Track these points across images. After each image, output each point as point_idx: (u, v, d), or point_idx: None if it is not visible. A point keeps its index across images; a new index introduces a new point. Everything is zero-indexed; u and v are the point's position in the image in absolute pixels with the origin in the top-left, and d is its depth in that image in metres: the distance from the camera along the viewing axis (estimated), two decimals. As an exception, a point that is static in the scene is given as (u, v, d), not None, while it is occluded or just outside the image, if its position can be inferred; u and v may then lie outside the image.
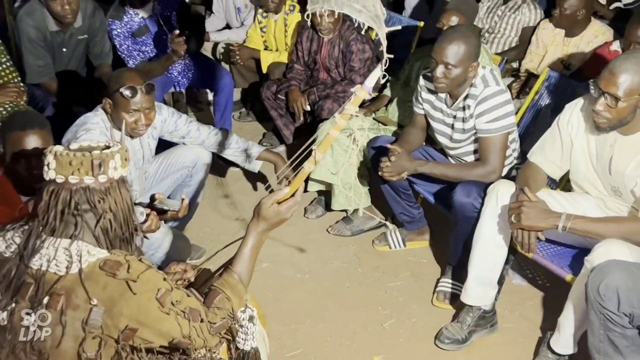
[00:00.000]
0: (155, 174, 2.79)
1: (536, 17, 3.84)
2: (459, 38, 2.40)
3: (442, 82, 2.44)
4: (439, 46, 2.42)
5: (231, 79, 3.80)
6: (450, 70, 2.40)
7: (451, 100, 2.56)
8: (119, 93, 2.35)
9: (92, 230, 1.41)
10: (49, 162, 1.40)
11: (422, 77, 2.68)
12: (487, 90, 2.44)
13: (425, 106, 2.70)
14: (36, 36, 3.20)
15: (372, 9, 1.47)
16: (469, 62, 2.40)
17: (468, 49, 2.39)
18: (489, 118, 2.44)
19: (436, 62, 2.41)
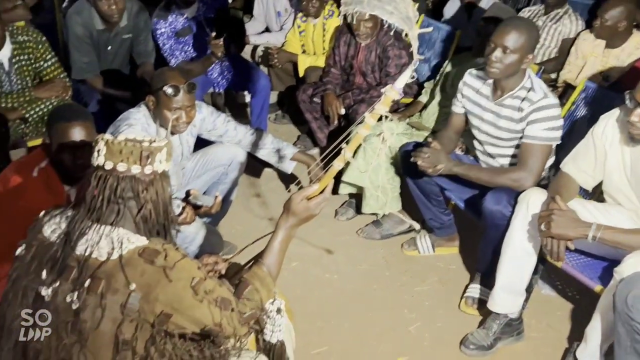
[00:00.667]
0: (192, 171, 2.87)
1: (577, 28, 3.82)
2: (521, 26, 2.40)
3: (496, 66, 2.41)
4: (501, 30, 2.41)
5: (269, 81, 3.88)
6: (507, 55, 2.38)
7: (496, 93, 2.55)
8: (162, 91, 2.43)
9: (133, 218, 1.48)
10: (99, 149, 1.46)
11: (467, 73, 2.69)
12: (547, 100, 2.43)
13: (465, 102, 2.68)
14: (83, 34, 3.32)
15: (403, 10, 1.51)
16: (525, 52, 2.40)
17: (528, 38, 2.39)
18: (544, 127, 2.42)
19: (495, 44, 2.40)
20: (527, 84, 2.47)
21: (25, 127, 3.29)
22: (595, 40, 3.51)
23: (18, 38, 3.24)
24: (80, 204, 1.50)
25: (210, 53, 3.38)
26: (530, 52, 2.41)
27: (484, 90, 2.60)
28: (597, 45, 3.51)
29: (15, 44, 3.23)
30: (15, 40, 3.23)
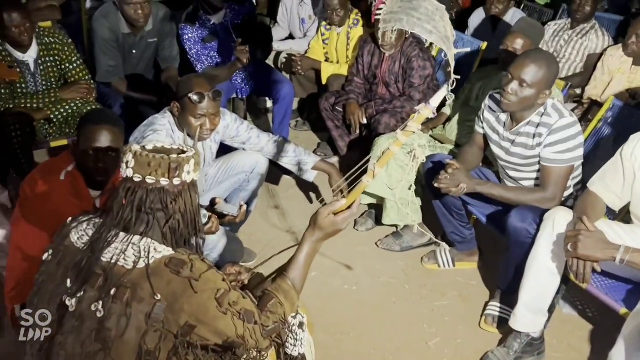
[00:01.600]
0: (214, 177, 2.88)
1: (603, 44, 3.78)
2: (541, 60, 2.36)
3: (511, 99, 2.38)
4: (521, 62, 2.37)
5: (292, 88, 3.88)
6: (524, 89, 2.35)
7: (512, 124, 2.54)
8: (187, 98, 2.44)
9: (161, 228, 1.48)
10: (127, 161, 1.47)
11: (488, 96, 2.67)
12: (563, 121, 2.38)
13: (485, 126, 2.69)
14: (109, 37, 3.35)
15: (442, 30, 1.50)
16: (543, 87, 2.36)
17: (548, 74, 2.35)
18: (560, 149, 2.39)
19: (512, 76, 2.37)
20: (541, 109, 2.44)
21: (50, 128, 3.32)
22: (622, 56, 3.47)
23: (44, 39, 3.28)
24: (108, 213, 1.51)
25: (235, 59, 3.39)
26: (548, 87, 2.37)
27: (502, 117, 2.58)
28: (624, 62, 3.47)
29: (42, 45, 3.26)
30: (42, 41, 3.26)
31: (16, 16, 3.06)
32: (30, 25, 3.14)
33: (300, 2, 4.49)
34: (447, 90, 1.57)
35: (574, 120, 2.43)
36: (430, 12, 1.48)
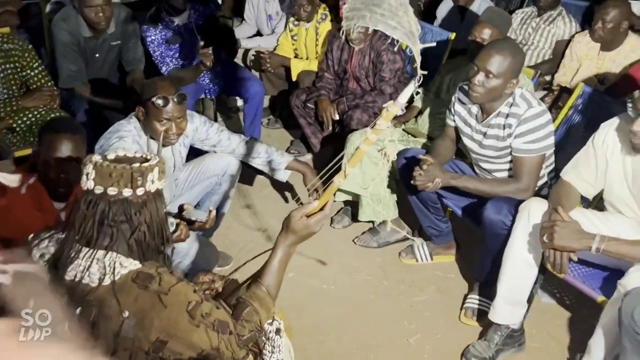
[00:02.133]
0: (185, 181, 2.81)
1: (571, 30, 3.80)
2: (506, 50, 2.35)
3: (479, 90, 2.37)
4: (485, 53, 2.36)
5: (262, 87, 3.82)
6: (490, 80, 2.34)
7: (482, 115, 2.52)
8: (151, 102, 2.38)
9: (126, 241, 1.43)
10: (88, 172, 1.41)
11: (458, 88, 2.65)
12: (531, 111, 2.38)
13: (456, 119, 2.67)
14: (70, 41, 3.25)
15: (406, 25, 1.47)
16: (509, 77, 2.35)
17: (513, 63, 2.34)
18: (530, 138, 2.38)
19: (478, 68, 2.36)
20: (510, 99, 2.44)
21: (13, 137, 3.22)
22: (590, 42, 3.48)
23: (4, 46, 3.17)
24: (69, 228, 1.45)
25: (199, 62, 3.31)
26: (514, 77, 2.37)
27: (474, 110, 2.57)
28: (592, 47, 3.48)
29: (1, 52, 3.16)
30: (1, 48, 3.16)
31: None
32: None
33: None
34: (414, 86, 1.54)
35: (543, 109, 2.43)
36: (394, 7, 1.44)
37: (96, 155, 1.47)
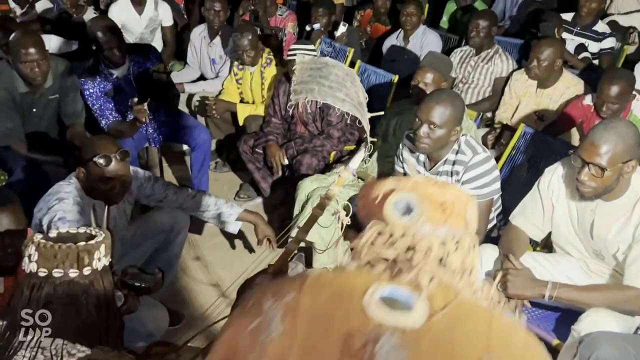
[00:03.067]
0: (131, 240, 2.71)
1: (508, 68, 3.92)
2: (445, 100, 2.40)
3: (425, 142, 2.42)
4: (426, 106, 2.41)
5: (209, 135, 3.76)
6: (434, 131, 2.39)
7: (430, 163, 2.55)
8: (92, 162, 2.30)
9: (73, 325, 1.35)
10: (30, 254, 1.34)
11: (405, 136, 2.68)
12: (477, 157, 2.44)
13: (405, 166, 2.69)
14: (4, 98, 3.12)
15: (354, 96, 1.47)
16: (453, 125, 2.40)
17: (454, 111, 2.39)
18: (478, 184, 2.43)
19: (421, 121, 2.40)
20: (455, 146, 2.49)
21: (-56, 199, 3.04)
22: (527, 80, 3.60)
23: None
24: (12, 315, 1.36)
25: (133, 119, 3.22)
26: (457, 124, 2.43)
27: (421, 157, 2.61)
28: (529, 85, 3.60)
29: None
30: None
31: None
32: None
33: (209, 43, 4.40)
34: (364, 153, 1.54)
35: (487, 155, 2.49)
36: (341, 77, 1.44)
37: (38, 234, 1.40)
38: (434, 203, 0.89)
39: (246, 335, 0.85)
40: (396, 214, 0.89)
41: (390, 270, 0.86)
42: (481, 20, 3.95)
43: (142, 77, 3.38)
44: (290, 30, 4.87)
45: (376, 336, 0.77)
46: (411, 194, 0.92)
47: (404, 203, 0.89)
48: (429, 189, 0.90)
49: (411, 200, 0.89)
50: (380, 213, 0.90)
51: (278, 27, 4.83)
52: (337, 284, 0.88)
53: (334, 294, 0.85)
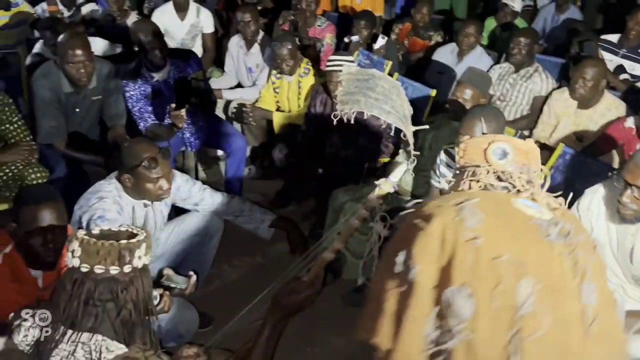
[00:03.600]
0: (166, 241, 2.76)
1: (547, 87, 3.88)
2: (489, 115, 2.41)
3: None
4: (469, 120, 2.42)
5: (244, 142, 3.81)
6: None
7: None
8: (142, 167, 2.36)
9: (112, 321, 1.39)
10: (74, 249, 1.38)
11: (443, 151, 2.67)
12: None
13: (442, 180, 2.68)
14: (50, 98, 3.21)
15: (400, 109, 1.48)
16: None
17: (497, 127, 2.39)
18: None
19: (461, 134, 2.39)
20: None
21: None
22: (567, 100, 3.55)
23: (-18, 100, 3.11)
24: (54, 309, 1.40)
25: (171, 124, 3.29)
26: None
27: None
28: (569, 105, 3.55)
29: (-20, 106, 3.10)
30: (-20, 102, 3.10)
31: None
32: None
33: (246, 52, 4.45)
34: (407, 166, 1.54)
35: None
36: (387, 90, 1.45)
37: (81, 231, 1.44)
38: (520, 150, 1.21)
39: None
40: (495, 157, 1.24)
41: (509, 191, 1.19)
42: (523, 38, 3.92)
43: (181, 83, 3.44)
44: (328, 41, 4.90)
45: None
46: (505, 144, 1.24)
47: (501, 150, 1.24)
48: (515, 141, 1.23)
49: (505, 148, 1.24)
50: (483, 158, 1.26)
51: (316, 37, 4.87)
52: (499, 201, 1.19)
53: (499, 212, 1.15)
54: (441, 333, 1.07)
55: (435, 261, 1.12)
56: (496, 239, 1.12)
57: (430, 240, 1.14)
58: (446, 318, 1.07)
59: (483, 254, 1.10)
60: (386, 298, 1.14)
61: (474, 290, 1.08)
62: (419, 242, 1.14)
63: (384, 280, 1.16)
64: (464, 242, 1.12)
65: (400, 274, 1.13)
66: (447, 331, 1.06)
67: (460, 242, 1.12)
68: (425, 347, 1.08)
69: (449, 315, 1.07)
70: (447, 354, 1.06)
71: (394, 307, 1.13)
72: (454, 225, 1.14)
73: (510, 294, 1.06)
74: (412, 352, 1.09)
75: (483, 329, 1.07)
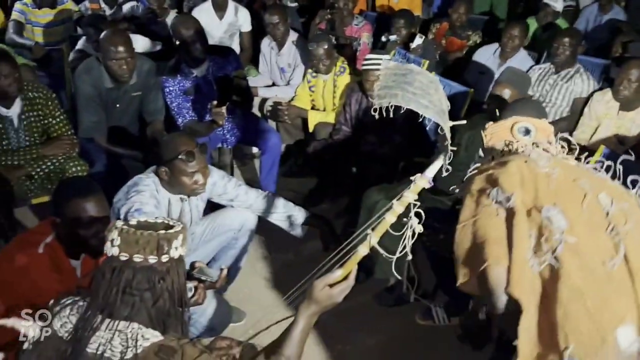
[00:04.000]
0: (201, 236, 2.80)
1: (589, 88, 3.80)
2: (529, 109, 2.38)
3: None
4: (510, 110, 2.40)
5: (279, 139, 3.83)
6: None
7: None
8: (178, 160, 2.39)
9: (148, 310, 1.41)
10: (113, 239, 1.40)
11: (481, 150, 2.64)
12: None
13: None
14: (92, 93, 3.29)
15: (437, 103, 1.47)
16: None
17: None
18: None
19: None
20: None
21: (31, 184, 3.23)
22: (609, 101, 3.47)
23: (28, 94, 3.21)
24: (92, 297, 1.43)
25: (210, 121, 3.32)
26: None
27: None
28: (611, 107, 3.47)
29: (26, 100, 3.19)
30: (26, 96, 3.19)
31: (5, 66, 3.00)
32: (19, 76, 3.08)
33: (278, 53, 4.48)
34: (444, 161, 1.53)
35: None
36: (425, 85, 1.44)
37: (120, 221, 1.46)
38: (540, 128, 1.67)
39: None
40: (520, 134, 1.64)
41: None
42: (568, 38, 3.83)
43: (223, 80, 3.48)
44: (365, 40, 4.89)
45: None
46: (527, 123, 1.67)
47: (524, 128, 1.62)
48: (535, 120, 1.67)
49: (528, 126, 1.64)
50: (510, 135, 1.66)
51: (353, 36, 4.86)
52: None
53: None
54: (538, 249, 1.40)
55: (520, 191, 1.45)
56: (568, 170, 1.50)
57: (512, 178, 1.47)
58: (544, 235, 1.40)
59: (563, 179, 1.46)
60: (489, 226, 1.47)
61: (564, 207, 1.42)
62: (503, 180, 1.48)
63: (480, 216, 1.49)
64: (543, 174, 1.47)
65: (496, 205, 1.47)
66: (545, 245, 1.39)
67: (540, 175, 1.47)
68: (530, 260, 1.41)
69: (549, 229, 1.40)
70: (555, 260, 1.39)
71: (497, 233, 1.45)
72: (527, 165, 1.49)
73: (595, 203, 1.41)
74: (524, 264, 1.39)
75: (582, 233, 1.39)
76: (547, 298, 1.41)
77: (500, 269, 1.43)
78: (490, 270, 1.44)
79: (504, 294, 1.43)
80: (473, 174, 1.68)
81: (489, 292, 1.46)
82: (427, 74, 1.50)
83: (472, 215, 1.54)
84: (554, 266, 1.40)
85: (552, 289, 1.40)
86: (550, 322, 1.40)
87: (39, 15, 4.84)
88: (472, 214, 1.55)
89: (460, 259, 1.55)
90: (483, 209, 1.51)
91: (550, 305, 1.39)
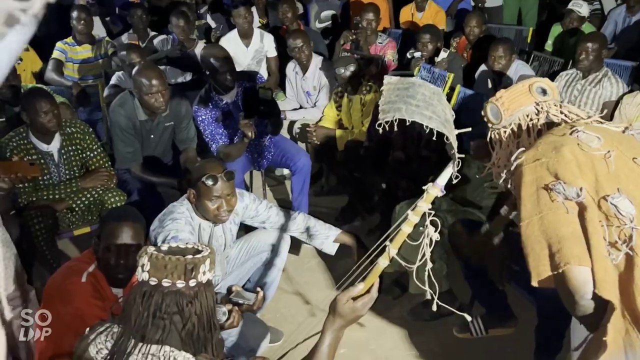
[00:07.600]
0: (236, 258, 2.86)
1: (618, 91, 3.74)
2: None
3: None
4: None
5: (309, 159, 3.88)
6: None
7: None
8: (201, 182, 2.46)
9: (178, 333, 1.45)
10: (143, 264, 1.45)
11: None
12: None
13: None
14: (126, 125, 3.41)
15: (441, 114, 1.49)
16: None
17: None
18: None
19: None
20: None
21: (72, 216, 3.36)
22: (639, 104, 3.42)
23: (66, 129, 3.35)
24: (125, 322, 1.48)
25: (241, 135, 3.41)
26: None
27: None
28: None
29: (64, 135, 3.34)
30: (64, 131, 3.34)
31: (45, 103, 3.15)
32: (58, 112, 3.23)
33: (302, 77, 4.56)
34: (453, 169, 1.55)
35: None
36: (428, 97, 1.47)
37: (150, 247, 1.52)
38: (554, 88, 1.76)
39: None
40: (538, 94, 1.71)
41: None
42: (591, 43, 3.80)
43: (249, 93, 3.55)
44: (389, 57, 4.94)
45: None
46: (542, 82, 1.73)
47: (541, 88, 1.69)
48: (547, 80, 1.74)
49: (545, 86, 1.71)
50: (526, 96, 1.72)
51: (378, 54, 4.91)
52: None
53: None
54: (611, 240, 1.37)
55: (582, 181, 1.42)
56: (622, 149, 1.44)
57: (570, 166, 1.44)
58: (615, 224, 1.38)
59: (621, 161, 1.42)
60: (560, 222, 1.42)
61: (627, 190, 1.39)
62: (563, 172, 1.45)
63: (546, 212, 1.45)
64: (601, 158, 1.43)
65: (562, 199, 1.42)
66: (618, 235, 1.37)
67: (597, 159, 1.44)
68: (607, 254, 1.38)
69: (618, 218, 1.38)
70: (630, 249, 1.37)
71: (569, 229, 1.40)
72: (580, 150, 1.45)
73: None
74: (605, 260, 1.36)
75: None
76: (623, 284, 1.38)
77: (582, 269, 1.38)
78: (570, 270, 1.38)
79: (588, 294, 1.38)
80: (520, 162, 1.58)
81: (570, 292, 1.41)
82: (429, 85, 1.53)
83: (537, 212, 1.48)
84: (630, 254, 1.38)
85: (629, 276, 1.37)
86: (630, 308, 1.37)
87: (78, 52, 5.03)
88: (536, 210, 1.48)
89: (530, 256, 1.48)
90: (548, 205, 1.45)
91: (628, 292, 1.36)
